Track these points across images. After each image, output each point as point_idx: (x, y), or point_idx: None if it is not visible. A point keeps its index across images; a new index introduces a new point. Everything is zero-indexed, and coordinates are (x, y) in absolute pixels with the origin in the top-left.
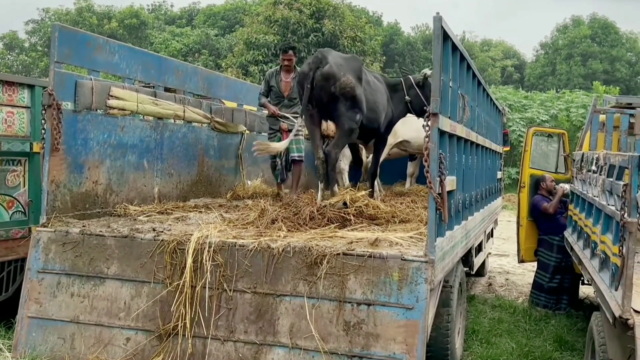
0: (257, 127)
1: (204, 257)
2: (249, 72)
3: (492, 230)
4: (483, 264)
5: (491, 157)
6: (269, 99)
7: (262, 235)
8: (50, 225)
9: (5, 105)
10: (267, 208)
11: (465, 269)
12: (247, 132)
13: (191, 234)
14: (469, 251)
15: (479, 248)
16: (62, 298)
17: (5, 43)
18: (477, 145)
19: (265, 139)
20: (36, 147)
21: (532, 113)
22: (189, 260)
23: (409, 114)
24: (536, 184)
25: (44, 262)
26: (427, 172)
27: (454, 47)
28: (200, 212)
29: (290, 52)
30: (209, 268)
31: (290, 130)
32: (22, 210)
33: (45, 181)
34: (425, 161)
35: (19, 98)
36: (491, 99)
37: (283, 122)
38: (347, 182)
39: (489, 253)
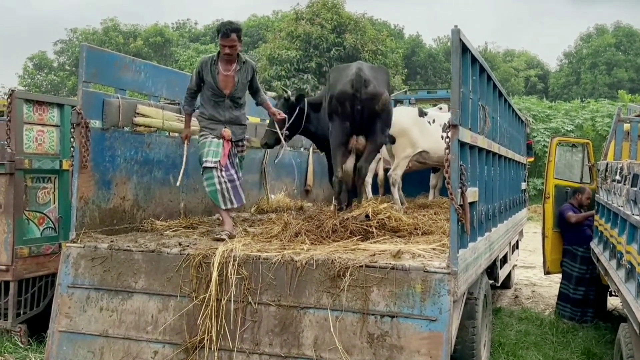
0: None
1: (229, 271)
2: (272, 87)
3: (517, 242)
4: (509, 276)
5: (514, 168)
6: (197, 100)
7: (285, 249)
8: (79, 241)
9: (36, 124)
10: (290, 221)
11: (491, 281)
12: None
13: (216, 248)
14: (494, 263)
15: (504, 260)
16: (91, 312)
17: (34, 63)
18: (500, 156)
19: (287, 154)
20: (65, 165)
21: (557, 123)
22: (214, 274)
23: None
24: (572, 193)
25: (74, 277)
26: (448, 183)
27: (474, 59)
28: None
29: (233, 35)
30: (233, 281)
31: (237, 142)
32: (53, 226)
33: (75, 198)
34: (446, 172)
35: (48, 117)
36: (513, 110)
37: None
38: (370, 194)
39: (515, 265)
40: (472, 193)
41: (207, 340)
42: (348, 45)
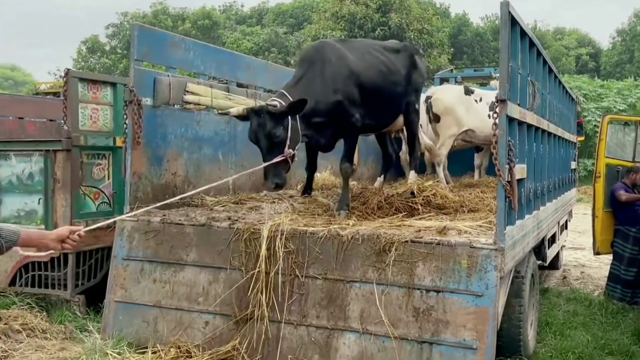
0: None
1: (277, 245)
2: None
3: (566, 222)
4: (557, 257)
5: (564, 146)
6: None
7: (331, 223)
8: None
9: (90, 102)
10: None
11: (538, 261)
12: None
13: (264, 222)
14: (542, 242)
15: (553, 239)
16: (145, 284)
17: (88, 47)
18: (549, 133)
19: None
20: (119, 142)
21: (609, 102)
22: (263, 248)
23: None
24: (625, 172)
25: (128, 250)
26: (496, 159)
27: (523, 33)
28: (273, 202)
29: None
30: (281, 255)
31: None
32: (108, 201)
33: (128, 173)
34: (494, 148)
35: (102, 96)
36: (563, 87)
37: None
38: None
39: (563, 245)
40: (520, 170)
41: (257, 312)
42: (393, 25)
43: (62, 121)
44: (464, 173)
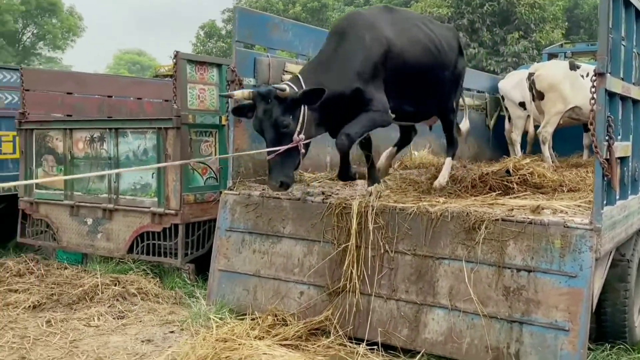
0: None
1: (367, 220)
2: None
3: None
4: None
5: None
6: None
7: (421, 200)
8: (235, 189)
9: (198, 83)
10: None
11: None
12: None
13: (355, 198)
14: None
15: None
16: (245, 254)
17: (205, 31)
18: None
19: None
20: (224, 120)
21: None
22: (354, 222)
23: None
24: None
25: (231, 222)
26: (593, 135)
27: (627, 3)
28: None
29: None
30: (371, 230)
31: None
32: (214, 176)
33: (231, 150)
34: (591, 125)
35: (209, 76)
36: None
37: None
38: (519, 153)
39: None
40: (622, 147)
41: (348, 284)
42: (503, 0)
43: (172, 100)
44: (572, 153)
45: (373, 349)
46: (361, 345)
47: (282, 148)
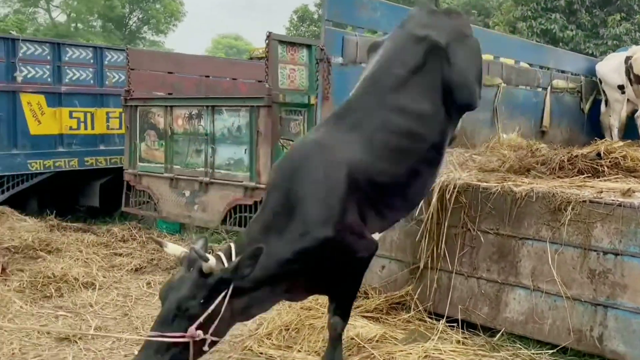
0: (515, 80)
1: (449, 198)
2: (517, 29)
3: None
4: None
5: None
6: None
7: (505, 180)
8: None
9: (289, 63)
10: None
11: None
12: (504, 85)
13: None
14: None
15: None
16: None
17: (298, 16)
18: None
19: (522, 93)
20: (312, 100)
21: None
22: (434, 199)
23: None
24: None
25: None
26: None
27: None
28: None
29: None
30: (451, 207)
31: None
32: None
33: None
34: None
35: (299, 57)
36: None
37: None
38: (615, 137)
39: None
40: None
41: (429, 261)
42: None
43: (265, 80)
44: None
45: (453, 325)
46: (441, 321)
47: (166, 337)
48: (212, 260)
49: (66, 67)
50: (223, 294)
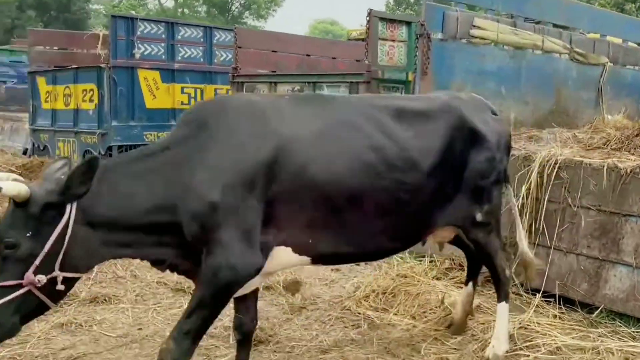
0: (622, 59)
1: (550, 173)
2: (625, 10)
3: None
4: None
5: None
6: None
7: (609, 157)
8: None
9: (388, 40)
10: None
11: None
12: (610, 64)
13: (539, 151)
14: None
15: None
16: None
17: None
18: None
19: (630, 73)
20: (410, 76)
21: None
22: (534, 174)
23: None
24: None
25: None
26: None
27: None
28: (553, 134)
29: None
30: (552, 183)
31: None
32: None
33: None
34: None
35: (398, 34)
36: None
37: None
38: None
39: None
40: None
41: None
42: None
43: (365, 57)
44: None
45: (549, 301)
46: (537, 296)
47: None
48: (13, 185)
49: (179, 45)
50: (62, 223)
